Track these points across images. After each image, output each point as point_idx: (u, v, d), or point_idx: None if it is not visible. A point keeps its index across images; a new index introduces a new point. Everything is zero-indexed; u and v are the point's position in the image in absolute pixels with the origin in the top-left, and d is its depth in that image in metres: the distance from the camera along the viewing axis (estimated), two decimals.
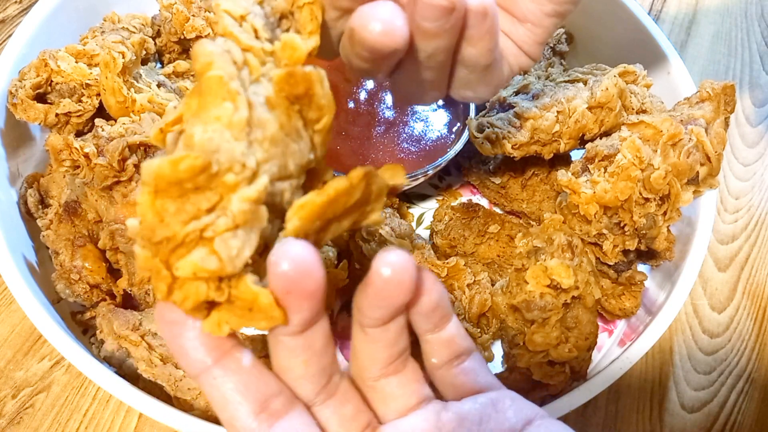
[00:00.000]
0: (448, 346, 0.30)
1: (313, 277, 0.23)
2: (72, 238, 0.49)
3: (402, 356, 0.29)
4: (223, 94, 0.23)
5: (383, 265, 0.25)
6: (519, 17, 0.33)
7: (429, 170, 0.56)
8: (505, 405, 0.29)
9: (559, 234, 0.47)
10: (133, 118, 0.50)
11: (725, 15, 0.82)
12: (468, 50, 0.32)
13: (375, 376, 0.29)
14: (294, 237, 0.24)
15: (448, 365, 0.31)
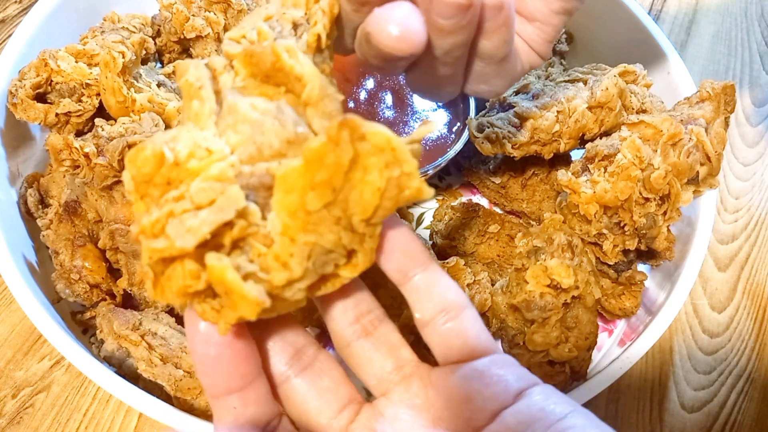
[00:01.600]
0: (428, 297, 0.29)
1: None
2: (72, 237, 0.49)
3: (369, 315, 0.30)
4: (190, 94, 0.25)
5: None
6: (527, 16, 0.33)
7: (429, 170, 0.56)
8: (496, 374, 0.27)
9: (559, 234, 0.47)
10: (133, 118, 0.50)
11: (725, 15, 0.82)
12: (484, 43, 0.31)
13: (347, 337, 0.29)
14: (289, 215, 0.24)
15: (434, 322, 0.29)
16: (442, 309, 0.29)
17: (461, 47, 0.31)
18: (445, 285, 0.29)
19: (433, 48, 0.31)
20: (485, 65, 0.33)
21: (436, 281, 0.29)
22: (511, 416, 0.26)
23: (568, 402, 0.26)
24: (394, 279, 0.29)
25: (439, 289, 0.29)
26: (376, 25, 0.27)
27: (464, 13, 0.28)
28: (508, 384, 0.27)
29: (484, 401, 0.27)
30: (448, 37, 0.29)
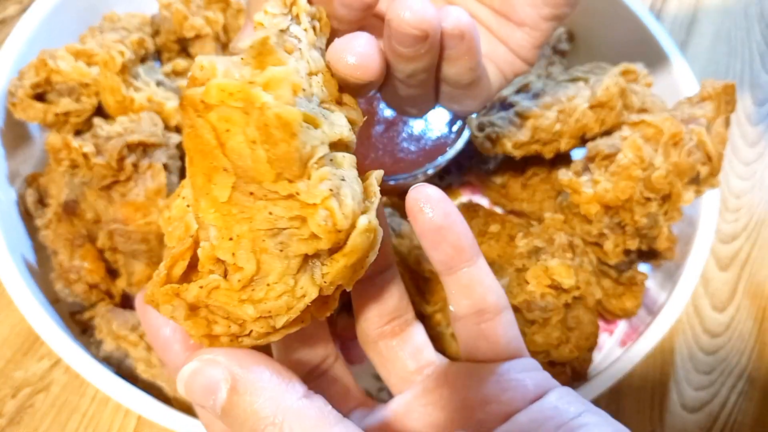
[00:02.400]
0: (467, 294, 0.28)
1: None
2: (71, 237, 0.49)
3: (401, 318, 0.30)
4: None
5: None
6: (516, 21, 0.33)
7: (429, 170, 0.56)
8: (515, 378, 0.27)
9: (560, 234, 0.47)
10: (132, 118, 0.49)
11: (725, 14, 0.82)
12: (448, 69, 0.32)
13: (375, 335, 0.30)
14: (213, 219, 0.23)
15: (467, 320, 0.29)
16: (478, 309, 0.28)
17: (423, 72, 0.31)
18: (487, 286, 0.29)
19: (396, 72, 0.31)
20: (452, 89, 0.34)
21: (479, 280, 0.29)
22: (523, 416, 0.26)
23: (583, 402, 0.26)
24: (437, 269, 0.29)
25: (480, 289, 0.28)
26: (335, 55, 0.27)
27: (422, 42, 0.28)
28: (525, 389, 0.27)
29: (499, 405, 0.27)
30: (409, 63, 0.30)
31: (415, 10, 0.27)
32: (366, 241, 0.23)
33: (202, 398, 0.23)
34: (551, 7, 0.32)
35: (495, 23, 0.34)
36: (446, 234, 0.27)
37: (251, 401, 0.23)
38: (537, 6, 0.32)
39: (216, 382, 0.23)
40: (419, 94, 0.34)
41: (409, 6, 0.27)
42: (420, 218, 0.27)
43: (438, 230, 0.27)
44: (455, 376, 0.29)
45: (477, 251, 0.28)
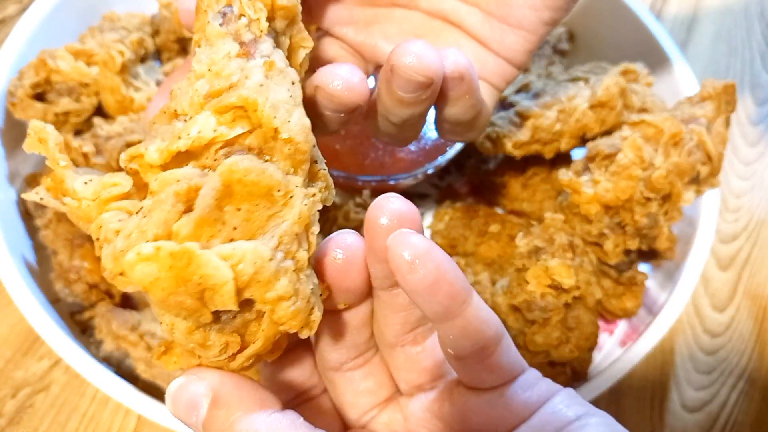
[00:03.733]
0: (466, 336, 0.26)
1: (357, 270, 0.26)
2: (71, 237, 0.49)
3: (423, 327, 0.29)
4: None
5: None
6: (513, 24, 0.32)
7: (429, 169, 0.56)
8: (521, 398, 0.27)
9: (560, 234, 0.47)
10: (132, 117, 0.49)
11: (726, 14, 0.82)
12: (450, 110, 0.32)
13: (395, 341, 0.29)
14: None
15: (468, 359, 0.27)
16: (480, 347, 0.26)
17: (419, 117, 0.31)
18: (484, 320, 0.26)
19: (390, 116, 0.31)
20: (454, 126, 0.34)
21: (475, 317, 0.26)
22: (524, 425, 0.26)
23: (583, 404, 0.26)
24: (431, 319, 0.26)
25: (479, 325, 0.26)
26: (324, 78, 0.28)
27: (425, 89, 0.28)
28: (529, 404, 0.27)
29: (504, 424, 0.27)
30: (407, 108, 0.30)
31: (420, 55, 0.27)
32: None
33: (186, 413, 0.24)
34: (552, 10, 0.31)
35: (487, 30, 0.33)
36: (440, 286, 0.24)
37: (227, 415, 0.24)
38: (537, 9, 0.31)
39: (199, 397, 0.24)
40: (409, 133, 0.34)
41: (413, 51, 0.27)
42: (411, 278, 0.24)
43: (432, 285, 0.24)
44: (460, 394, 0.28)
45: (469, 289, 0.26)
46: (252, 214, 0.23)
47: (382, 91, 0.30)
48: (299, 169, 0.25)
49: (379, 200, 0.25)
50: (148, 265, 0.21)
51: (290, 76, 0.25)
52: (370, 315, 0.29)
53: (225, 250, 0.22)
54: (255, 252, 0.23)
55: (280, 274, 0.23)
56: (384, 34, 0.34)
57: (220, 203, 0.23)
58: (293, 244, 0.24)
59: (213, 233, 0.23)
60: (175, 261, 0.21)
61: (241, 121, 0.24)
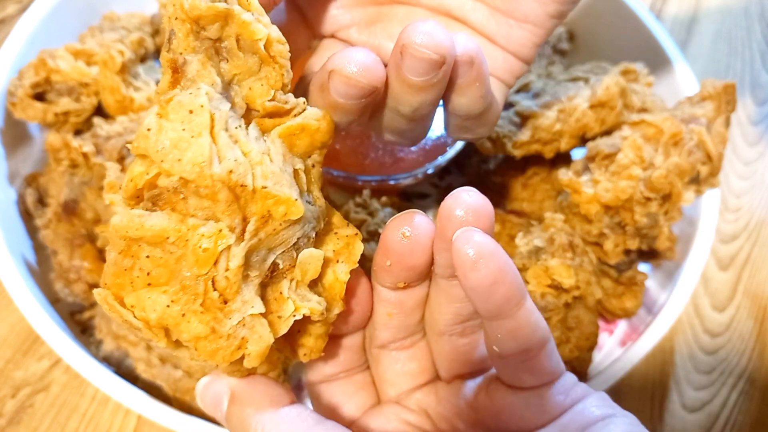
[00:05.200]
0: (514, 337, 0.27)
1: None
2: (70, 237, 0.49)
3: (473, 321, 0.30)
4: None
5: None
6: (520, 18, 0.32)
7: (429, 169, 0.56)
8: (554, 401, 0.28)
9: (560, 233, 0.47)
10: (132, 117, 0.49)
11: (726, 14, 0.82)
12: (459, 100, 0.31)
13: (444, 330, 0.30)
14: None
15: (512, 359, 0.27)
16: (525, 349, 0.27)
17: (430, 104, 0.30)
18: (533, 323, 0.27)
19: (401, 104, 0.30)
20: (464, 120, 0.33)
21: (526, 321, 0.26)
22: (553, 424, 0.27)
23: (612, 406, 0.27)
24: (483, 316, 0.27)
25: (528, 329, 0.27)
26: (339, 62, 0.27)
27: (437, 70, 0.27)
28: (563, 406, 0.28)
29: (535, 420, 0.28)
30: (418, 94, 0.29)
31: (431, 33, 0.26)
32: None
33: (212, 408, 0.28)
34: (558, 3, 0.31)
35: (493, 25, 0.33)
36: (498, 288, 0.25)
37: (241, 410, 0.27)
38: (544, 3, 0.31)
39: (220, 394, 0.28)
40: (418, 128, 0.34)
41: (424, 30, 0.26)
42: (471, 276, 0.25)
43: (491, 285, 0.25)
44: (497, 389, 0.29)
45: (524, 292, 0.26)
46: (159, 260, 0.24)
47: (392, 78, 0.29)
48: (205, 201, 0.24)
49: (457, 192, 0.26)
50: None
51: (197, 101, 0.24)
52: (425, 299, 0.30)
53: (129, 300, 0.24)
54: (154, 301, 0.24)
55: (188, 317, 0.24)
56: (387, 33, 0.34)
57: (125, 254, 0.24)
58: (199, 284, 0.24)
59: (132, 280, 0.24)
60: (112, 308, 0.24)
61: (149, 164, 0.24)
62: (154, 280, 0.24)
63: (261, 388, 0.28)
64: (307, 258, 0.26)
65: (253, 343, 0.25)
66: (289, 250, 0.26)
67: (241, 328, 0.24)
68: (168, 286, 0.24)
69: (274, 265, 0.26)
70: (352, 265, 0.28)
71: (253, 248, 0.24)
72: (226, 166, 0.23)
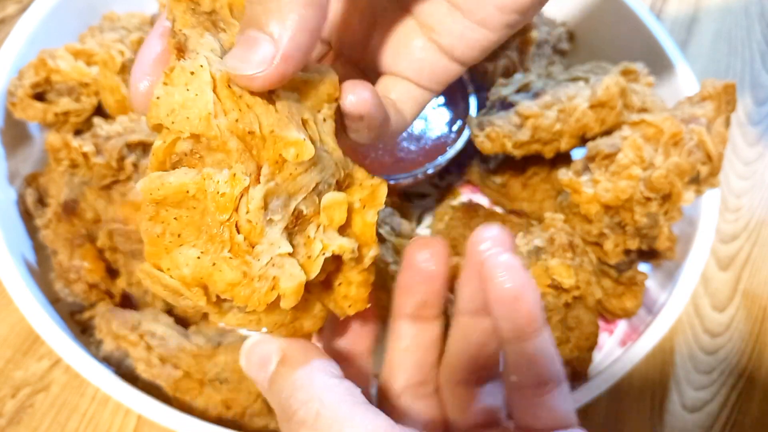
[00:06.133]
0: (532, 365, 0.28)
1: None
2: (70, 237, 0.49)
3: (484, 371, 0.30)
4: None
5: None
6: (476, 21, 0.31)
7: (429, 169, 0.56)
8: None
9: (560, 233, 0.47)
10: (132, 117, 0.49)
11: (726, 14, 0.82)
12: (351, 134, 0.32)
13: (454, 378, 0.30)
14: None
15: (528, 390, 0.28)
16: (542, 381, 0.28)
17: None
18: (552, 355, 0.28)
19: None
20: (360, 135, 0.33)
21: (544, 348, 0.28)
22: None
23: None
24: (505, 336, 0.28)
25: (546, 360, 0.28)
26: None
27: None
28: None
29: None
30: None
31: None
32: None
33: (257, 368, 0.27)
34: (518, 14, 0.30)
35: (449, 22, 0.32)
36: (521, 304, 0.27)
37: (293, 373, 0.26)
38: (506, 12, 0.30)
39: (269, 354, 0.27)
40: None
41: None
42: (496, 287, 0.27)
43: (514, 300, 0.27)
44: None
45: (545, 322, 0.28)
46: (186, 218, 0.25)
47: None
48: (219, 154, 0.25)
49: (481, 227, 0.28)
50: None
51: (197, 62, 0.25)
52: (440, 341, 0.31)
53: (165, 264, 0.25)
54: (185, 255, 0.24)
55: (218, 265, 0.24)
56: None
57: (155, 220, 0.25)
58: (224, 231, 0.25)
59: (165, 245, 0.25)
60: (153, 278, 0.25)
61: (163, 134, 0.25)
62: (184, 240, 0.25)
63: (313, 355, 0.27)
64: (331, 202, 0.27)
65: (286, 280, 0.25)
66: (310, 196, 0.26)
67: (271, 268, 0.25)
68: (197, 240, 0.25)
69: (298, 211, 0.26)
70: (378, 207, 0.29)
71: (271, 192, 0.25)
72: (232, 116, 0.24)
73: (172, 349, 0.46)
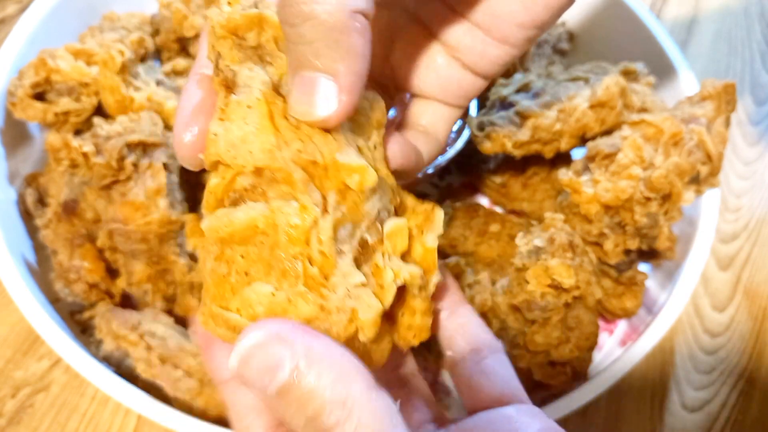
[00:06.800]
0: (463, 333, 0.29)
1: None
2: (70, 237, 0.49)
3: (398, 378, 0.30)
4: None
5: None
6: (497, 38, 0.31)
7: (429, 169, 0.56)
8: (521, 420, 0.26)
9: (560, 233, 0.47)
10: (132, 117, 0.49)
11: (726, 14, 0.82)
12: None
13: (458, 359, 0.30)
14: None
15: (465, 361, 0.29)
16: (475, 347, 0.28)
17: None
18: (480, 324, 0.29)
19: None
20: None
21: (471, 320, 0.29)
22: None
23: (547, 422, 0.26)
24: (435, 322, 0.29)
25: (474, 328, 0.29)
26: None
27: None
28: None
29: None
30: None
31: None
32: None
33: (257, 377, 0.21)
34: (538, 29, 0.30)
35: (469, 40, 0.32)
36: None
37: (317, 380, 0.20)
38: (526, 27, 0.30)
39: (280, 360, 0.21)
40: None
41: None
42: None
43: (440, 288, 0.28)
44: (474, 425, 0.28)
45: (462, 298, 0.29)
46: (254, 255, 0.24)
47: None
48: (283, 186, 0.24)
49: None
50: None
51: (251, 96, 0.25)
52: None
53: (233, 304, 0.24)
54: (258, 293, 0.23)
55: (294, 300, 0.24)
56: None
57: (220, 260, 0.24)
58: (296, 264, 0.24)
59: (232, 285, 0.24)
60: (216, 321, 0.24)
61: (223, 171, 0.25)
62: (253, 278, 0.24)
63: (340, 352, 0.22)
64: (394, 229, 0.27)
65: (364, 311, 0.24)
66: (373, 224, 0.26)
67: (347, 300, 0.24)
68: (267, 276, 0.24)
69: (363, 240, 0.26)
70: (437, 232, 0.28)
71: (338, 222, 0.25)
72: (295, 146, 0.24)
73: (172, 349, 0.46)
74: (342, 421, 0.20)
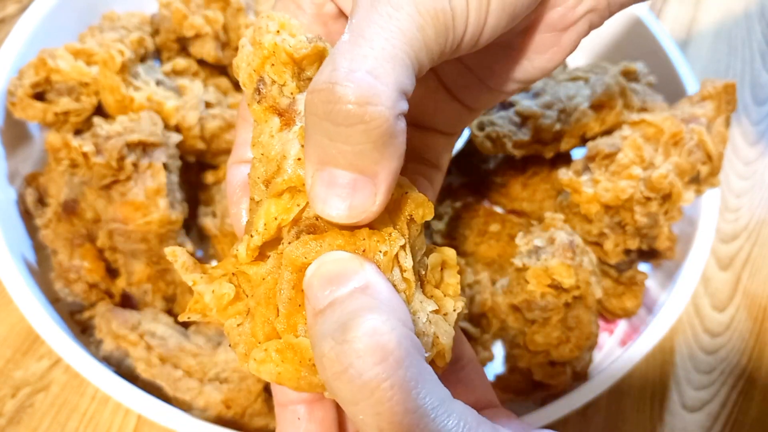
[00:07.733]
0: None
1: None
2: (70, 237, 0.49)
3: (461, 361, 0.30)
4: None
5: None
6: (492, 87, 0.32)
7: None
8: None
9: (560, 233, 0.47)
10: (132, 117, 0.49)
11: (726, 14, 0.82)
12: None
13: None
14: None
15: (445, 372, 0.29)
16: (454, 358, 0.28)
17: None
18: (458, 336, 0.29)
19: None
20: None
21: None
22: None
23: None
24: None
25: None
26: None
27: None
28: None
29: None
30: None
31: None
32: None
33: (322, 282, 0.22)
34: (530, 82, 0.32)
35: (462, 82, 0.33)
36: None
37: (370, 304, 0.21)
38: (519, 81, 0.31)
39: (352, 270, 0.23)
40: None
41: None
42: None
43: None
44: None
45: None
46: None
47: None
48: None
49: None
50: (266, 366, 0.24)
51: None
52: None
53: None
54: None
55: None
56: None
57: (298, 289, 0.24)
58: None
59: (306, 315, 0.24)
60: (284, 355, 0.24)
61: (297, 197, 0.25)
62: None
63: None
64: (437, 260, 0.27)
65: (443, 337, 0.25)
66: (422, 257, 0.27)
67: (429, 326, 0.24)
68: None
69: (418, 271, 0.26)
70: (455, 269, 0.29)
71: (412, 252, 0.25)
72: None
73: (172, 349, 0.46)
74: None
